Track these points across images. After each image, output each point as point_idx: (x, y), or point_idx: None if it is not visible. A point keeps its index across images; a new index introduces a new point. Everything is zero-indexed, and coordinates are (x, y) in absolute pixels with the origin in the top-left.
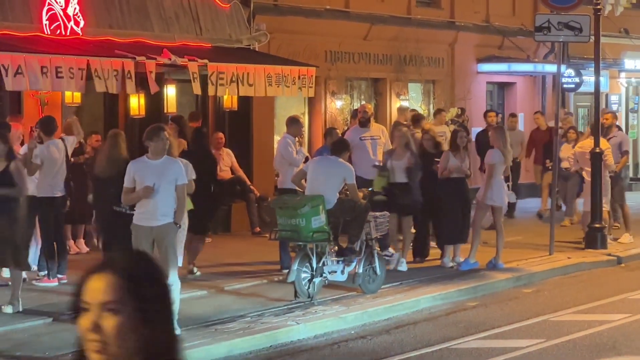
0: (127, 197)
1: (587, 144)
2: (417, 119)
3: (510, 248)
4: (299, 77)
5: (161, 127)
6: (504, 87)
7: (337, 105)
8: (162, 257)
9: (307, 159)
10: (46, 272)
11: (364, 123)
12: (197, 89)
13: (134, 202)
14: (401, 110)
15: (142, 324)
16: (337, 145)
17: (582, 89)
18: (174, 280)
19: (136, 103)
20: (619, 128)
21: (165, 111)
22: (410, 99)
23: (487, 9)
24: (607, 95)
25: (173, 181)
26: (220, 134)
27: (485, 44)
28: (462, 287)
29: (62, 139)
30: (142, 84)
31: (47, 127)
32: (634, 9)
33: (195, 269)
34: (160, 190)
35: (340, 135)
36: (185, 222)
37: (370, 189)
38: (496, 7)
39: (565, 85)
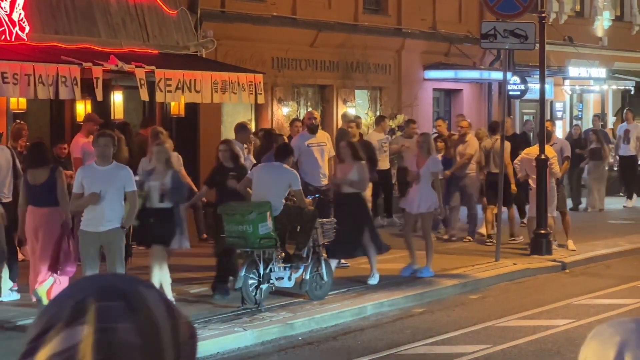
0: (74, 203)
1: (533, 151)
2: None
3: (457, 254)
4: (246, 84)
5: (106, 133)
6: (450, 94)
7: (284, 112)
8: (110, 262)
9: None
10: None
11: (313, 129)
12: (144, 95)
13: (81, 208)
14: (345, 117)
15: None
16: (280, 151)
17: (527, 96)
18: None
19: (82, 109)
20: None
21: (112, 117)
22: (357, 106)
23: (433, 16)
24: (552, 103)
25: (121, 188)
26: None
27: (431, 51)
28: (409, 293)
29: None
30: (88, 90)
31: None
32: (577, 17)
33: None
34: (106, 197)
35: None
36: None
37: (316, 195)
38: (443, 14)
39: (510, 93)
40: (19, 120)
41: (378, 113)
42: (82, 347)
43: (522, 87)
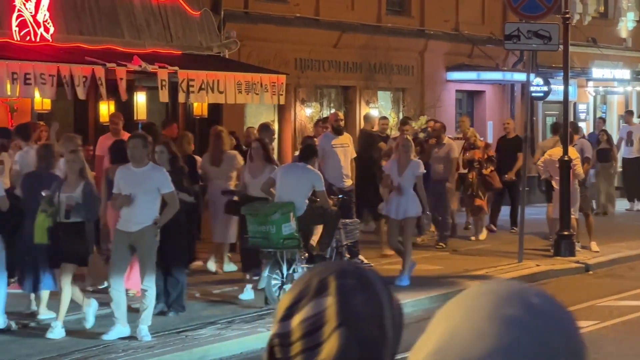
0: (113, 203)
1: (556, 152)
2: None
3: (479, 255)
4: (269, 85)
5: (136, 134)
6: (473, 95)
7: (307, 113)
8: (140, 261)
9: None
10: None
11: (339, 130)
12: (164, 96)
13: (117, 209)
14: (368, 118)
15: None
16: (305, 151)
17: (550, 97)
18: (150, 285)
19: (106, 110)
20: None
21: (135, 118)
22: (379, 107)
23: (456, 18)
24: (575, 104)
25: (154, 190)
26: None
27: (454, 52)
28: (433, 294)
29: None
30: (112, 90)
31: (24, 133)
32: (601, 18)
33: None
34: (138, 199)
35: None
36: None
37: (339, 196)
38: (466, 15)
39: (533, 94)
40: (41, 122)
41: (401, 114)
42: (327, 313)
43: (545, 88)
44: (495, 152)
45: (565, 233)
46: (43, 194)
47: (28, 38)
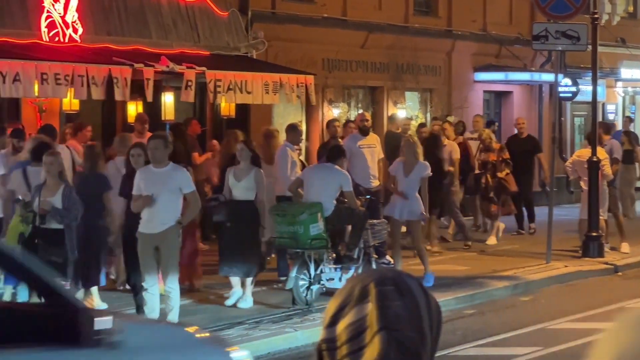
0: (133, 204)
1: (584, 152)
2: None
3: (507, 256)
4: (296, 85)
5: (156, 135)
6: (500, 96)
7: (335, 113)
8: (163, 261)
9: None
10: None
11: (365, 131)
12: (187, 96)
13: (137, 210)
14: (393, 119)
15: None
16: (333, 152)
17: (578, 98)
18: (173, 286)
19: (134, 110)
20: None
21: (163, 118)
22: (407, 108)
23: (484, 18)
24: (604, 105)
25: (176, 190)
26: (214, 141)
27: (482, 53)
28: (460, 294)
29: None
30: (139, 91)
31: (51, 133)
32: (630, 18)
33: None
34: (160, 199)
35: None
36: None
37: (367, 196)
38: (493, 15)
39: (562, 95)
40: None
41: (428, 115)
42: (368, 318)
43: (574, 89)
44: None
45: (594, 234)
46: (20, 197)
47: (57, 39)
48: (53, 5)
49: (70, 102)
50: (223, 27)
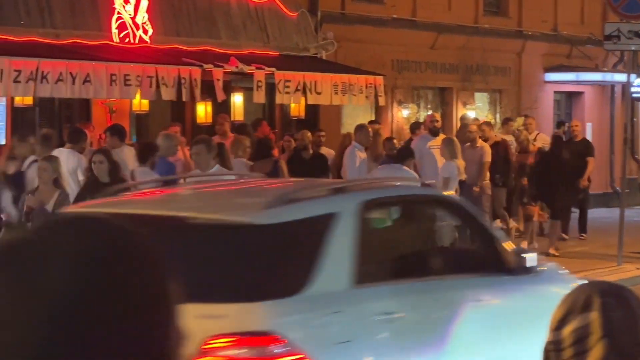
0: None
1: None
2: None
3: (577, 258)
4: (366, 86)
5: (199, 139)
6: (571, 96)
7: (404, 114)
8: None
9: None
10: None
11: (435, 132)
12: (259, 97)
13: None
14: (464, 119)
15: None
16: (401, 152)
17: None
18: None
19: (203, 111)
20: None
21: (232, 119)
22: (476, 109)
23: (555, 18)
24: None
25: None
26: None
27: (553, 53)
28: None
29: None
30: (209, 91)
31: (120, 133)
32: None
33: None
34: None
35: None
36: None
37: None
38: (565, 15)
39: (634, 95)
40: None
41: (498, 116)
42: (592, 325)
43: None
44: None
45: None
46: (2, 217)
47: (127, 40)
48: (123, 6)
49: (140, 102)
50: (292, 28)
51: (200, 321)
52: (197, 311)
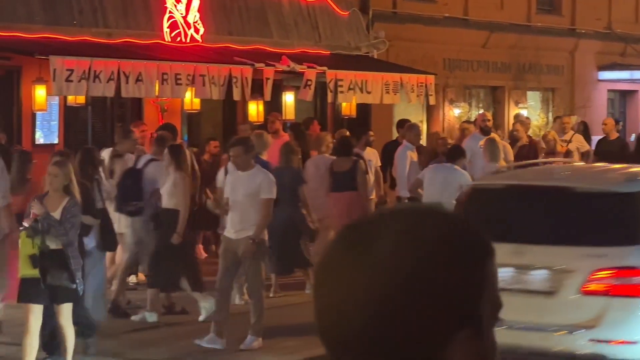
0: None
1: None
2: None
3: None
4: (417, 85)
5: (237, 141)
6: (625, 95)
7: (455, 113)
8: (246, 273)
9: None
10: None
11: (487, 131)
12: (307, 95)
13: (222, 214)
14: (518, 118)
15: None
16: (452, 152)
17: None
18: (257, 293)
19: (255, 110)
20: None
21: (283, 118)
22: (528, 107)
23: (609, 16)
24: None
25: (257, 194)
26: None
27: (606, 51)
28: None
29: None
30: (260, 90)
31: (172, 132)
32: None
33: None
34: (239, 204)
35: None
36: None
37: None
38: (618, 13)
39: None
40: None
41: (550, 115)
42: None
43: None
44: (594, 155)
45: None
46: (25, 224)
47: (179, 39)
48: (175, 6)
49: (192, 101)
50: (344, 27)
51: (589, 259)
52: (586, 252)
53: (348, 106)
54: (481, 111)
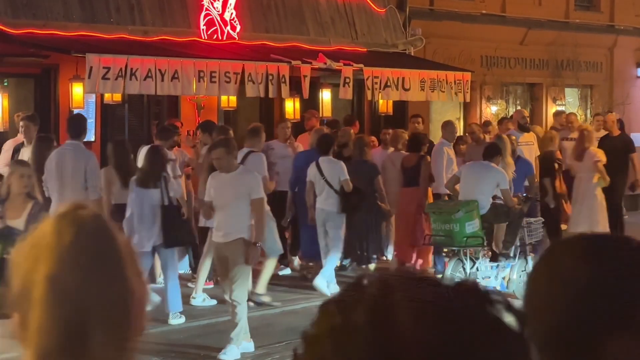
0: (203, 211)
1: None
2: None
3: None
4: (454, 82)
5: (219, 143)
6: None
7: (493, 111)
8: (235, 276)
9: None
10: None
11: (524, 127)
12: (345, 93)
13: (209, 217)
14: (556, 115)
15: None
16: (489, 149)
17: None
18: (242, 299)
19: (291, 107)
20: None
21: (320, 115)
22: (566, 104)
23: None
24: None
25: (246, 195)
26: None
27: None
28: None
29: None
30: (297, 88)
31: (211, 130)
32: None
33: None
34: (226, 207)
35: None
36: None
37: (524, 194)
38: None
39: None
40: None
41: (588, 112)
42: None
43: None
44: None
45: None
46: None
47: (215, 37)
48: (212, 3)
49: (229, 99)
50: (381, 24)
51: None
52: None
53: (385, 103)
54: (518, 108)
